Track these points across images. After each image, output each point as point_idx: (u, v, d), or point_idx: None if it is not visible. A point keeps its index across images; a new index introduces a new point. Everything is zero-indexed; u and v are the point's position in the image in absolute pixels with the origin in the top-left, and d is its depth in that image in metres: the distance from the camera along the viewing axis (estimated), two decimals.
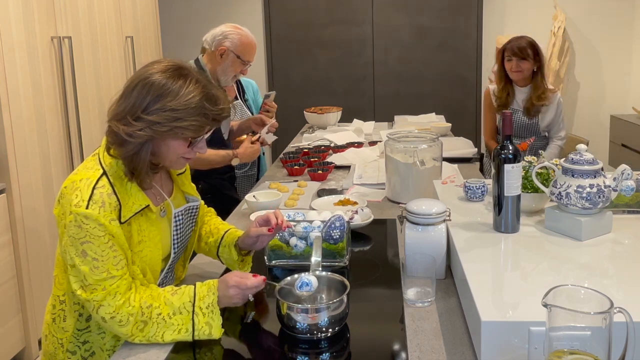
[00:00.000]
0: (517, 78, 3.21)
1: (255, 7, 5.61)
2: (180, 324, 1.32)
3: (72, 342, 1.44)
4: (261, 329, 1.39)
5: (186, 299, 1.34)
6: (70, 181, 1.34)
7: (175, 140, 1.35)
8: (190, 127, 1.32)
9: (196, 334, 1.32)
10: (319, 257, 1.54)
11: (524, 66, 3.16)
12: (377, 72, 5.59)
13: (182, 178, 1.59)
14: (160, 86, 1.30)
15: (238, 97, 3.27)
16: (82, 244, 1.29)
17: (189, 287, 1.37)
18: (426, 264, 1.46)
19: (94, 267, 1.29)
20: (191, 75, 1.35)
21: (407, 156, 2.29)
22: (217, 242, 1.65)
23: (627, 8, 5.40)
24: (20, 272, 2.93)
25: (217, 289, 1.36)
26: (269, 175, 2.92)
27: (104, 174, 1.33)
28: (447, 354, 1.24)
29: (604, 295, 0.96)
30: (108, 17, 3.85)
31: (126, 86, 1.34)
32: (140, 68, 1.37)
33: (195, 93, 1.32)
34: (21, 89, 2.93)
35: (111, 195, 1.32)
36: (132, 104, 1.31)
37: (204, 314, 1.33)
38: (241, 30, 2.70)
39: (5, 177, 2.85)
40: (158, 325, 1.32)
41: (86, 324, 1.44)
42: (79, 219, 1.28)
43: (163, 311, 1.32)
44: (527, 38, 3.20)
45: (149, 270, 1.42)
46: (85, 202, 1.28)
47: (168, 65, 1.35)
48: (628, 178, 1.52)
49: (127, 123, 1.30)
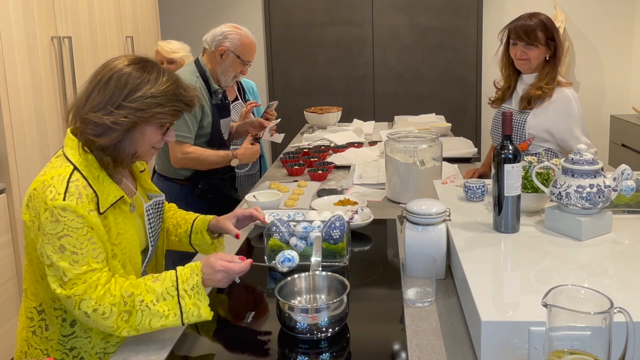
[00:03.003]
0: (523, 68, 2.45)
1: (255, 7, 5.61)
2: (167, 310, 1.30)
3: (58, 349, 1.41)
4: (261, 329, 1.39)
5: (169, 284, 1.32)
6: (39, 182, 1.34)
7: (152, 128, 1.41)
8: (170, 112, 1.40)
9: (185, 317, 1.31)
10: (319, 257, 1.54)
11: (532, 54, 2.38)
12: (377, 72, 5.59)
13: (144, 176, 1.63)
14: (138, 76, 1.37)
15: (239, 97, 3.27)
16: (59, 239, 1.28)
17: (169, 272, 1.36)
18: (426, 264, 1.46)
19: (74, 262, 1.28)
20: (158, 66, 1.43)
21: (407, 156, 2.29)
22: (188, 231, 1.68)
23: (627, 8, 5.40)
24: (20, 272, 2.92)
25: (200, 271, 1.35)
26: (269, 175, 2.92)
27: (75, 169, 1.35)
28: (447, 354, 1.24)
29: (604, 295, 0.96)
30: (108, 17, 3.85)
31: (97, 81, 1.38)
32: (104, 65, 1.41)
33: (170, 81, 1.40)
34: (21, 89, 2.93)
35: (87, 187, 1.33)
36: (111, 95, 1.35)
37: (190, 296, 1.32)
38: (241, 30, 2.70)
39: (5, 177, 2.85)
40: (143, 313, 1.29)
41: (71, 329, 1.41)
42: (55, 212, 1.28)
43: (146, 298, 1.30)
44: (539, 16, 2.39)
45: (129, 262, 1.43)
46: (61, 195, 1.29)
47: (134, 59, 1.42)
48: (628, 178, 1.52)
49: (110, 112, 1.34)
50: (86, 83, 1.41)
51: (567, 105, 2.35)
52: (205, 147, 2.65)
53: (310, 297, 1.44)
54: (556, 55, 2.39)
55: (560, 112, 2.35)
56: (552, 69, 2.40)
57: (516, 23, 2.40)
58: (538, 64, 2.41)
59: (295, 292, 1.43)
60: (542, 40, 2.36)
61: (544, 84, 2.37)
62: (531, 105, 2.40)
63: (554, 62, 2.40)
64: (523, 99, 2.42)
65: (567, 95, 2.37)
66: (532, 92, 2.38)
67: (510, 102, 2.54)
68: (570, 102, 2.35)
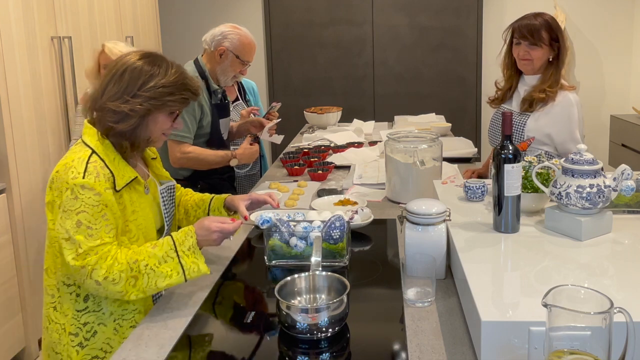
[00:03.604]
0: (526, 69, 2.39)
1: (255, 7, 5.61)
2: (169, 270, 1.47)
3: (73, 324, 1.54)
4: (261, 329, 1.39)
5: (167, 248, 1.50)
6: (61, 165, 1.50)
7: (163, 115, 1.57)
8: (179, 100, 1.57)
9: (187, 273, 1.49)
10: (319, 257, 1.54)
11: (535, 54, 2.33)
12: (377, 72, 5.59)
13: (156, 163, 1.78)
14: (149, 69, 1.53)
15: (239, 97, 3.27)
16: (77, 214, 1.43)
17: (166, 238, 1.53)
18: (426, 264, 1.46)
19: (88, 235, 1.43)
20: (166, 59, 1.59)
21: (407, 156, 2.29)
22: (206, 210, 1.85)
23: (627, 8, 5.40)
24: (20, 272, 2.93)
25: (194, 233, 1.54)
26: (269, 175, 2.92)
27: (93, 152, 1.51)
28: (447, 354, 1.24)
29: (604, 295, 0.96)
30: (108, 17, 3.85)
31: (112, 74, 1.54)
32: (117, 60, 1.57)
33: (178, 73, 1.57)
34: (21, 89, 2.93)
35: (104, 167, 1.49)
36: (127, 85, 1.51)
37: (188, 256, 1.50)
38: (240, 30, 2.70)
39: (5, 177, 2.85)
40: (149, 276, 1.46)
41: (84, 304, 1.54)
42: (75, 189, 1.44)
43: (150, 262, 1.46)
44: (544, 16, 2.35)
45: (143, 237, 1.58)
46: (81, 174, 1.45)
47: (144, 53, 1.58)
48: (628, 178, 1.52)
49: (127, 101, 1.50)
50: (100, 79, 1.57)
51: (569, 110, 2.31)
52: (204, 147, 2.65)
53: (310, 297, 1.44)
54: (559, 57, 2.35)
55: (561, 117, 2.31)
56: (555, 71, 2.35)
57: (520, 22, 2.36)
58: (540, 65, 2.36)
59: (295, 292, 1.42)
60: (546, 41, 2.32)
61: (547, 87, 2.32)
62: (532, 108, 2.35)
63: (557, 64, 2.36)
64: (525, 100, 2.37)
65: (569, 100, 2.32)
66: (536, 95, 2.33)
67: (510, 102, 2.49)
68: (573, 107, 2.31)
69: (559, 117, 2.31)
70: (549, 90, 2.31)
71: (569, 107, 2.31)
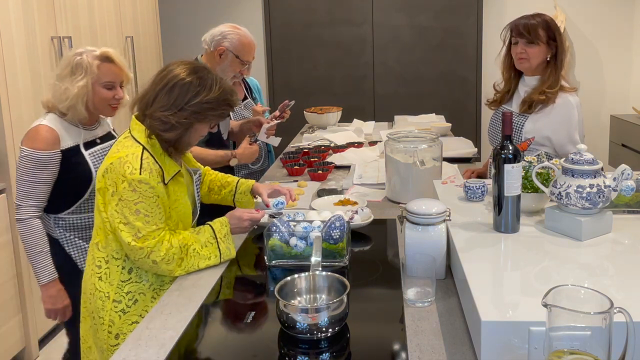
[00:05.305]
0: (523, 67, 2.38)
1: (255, 7, 5.61)
2: (209, 253, 1.75)
3: (117, 292, 1.71)
4: (261, 329, 1.39)
5: (208, 235, 1.77)
6: (114, 158, 1.66)
7: (204, 125, 1.74)
8: (219, 114, 1.74)
9: (223, 256, 1.76)
10: (319, 257, 1.54)
11: (532, 52, 2.32)
12: (377, 72, 5.59)
13: (187, 155, 1.97)
14: (197, 84, 1.69)
15: (247, 96, 3.27)
16: (135, 204, 1.63)
17: (206, 226, 1.79)
18: (426, 264, 1.46)
19: (146, 222, 1.64)
20: (212, 73, 1.74)
21: (407, 156, 2.29)
22: (232, 192, 2.10)
23: (627, 8, 5.40)
24: (20, 272, 2.92)
25: (228, 223, 1.82)
26: (269, 175, 2.92)
27: (145, 149, 1.68)
28: (447, 354, 1.24)
29: (604, 295, 0.96)
30: (108, 17, 3.85)
31: (163, 84, 1.69)
32: (168, 71, 1.71)
33: (221, 89, 1.72)
34: (21, 89, 2.93)
35: (155, 163, 1.68)
36: (175, 99, 1.67)
37: (223, 241, 1.78)
38: (240, 30, 2.70)
39: (5, 177, 2.85)
40: (193, 257, 1.72)
41: (128, 275, 1.73)
42: (134, 183, 1.62)
43: (196, 246, 1.73)
44: (542, 16, 2.36)
45: (181, 221, 1.78)
46: (138, 170, 1.63)
47: (192, 68, 1.72)
48: (628, 178, 1.52)
49: (174, 113, 1.67)
50: (151, 83, 1.73)
51: (569, 112, 2.29)
52: (203, 146, 2.64)
53: (310, 297, 1.44)
54: (557, 57, 2.33)
55: (561, 119, 2.29)
56: (554, 71, 2.33)
57: (518, 21, 2.36)
58: (538, 64, 2.34)
59: (295, 292, 1.43)
60: (543, 39, 2.30)
61: (547, 88, 2.30)
62: (531, 109, 2.33)
63: (555, 63, 2.34)
64: (525, 102, 2.35)
65: (569, 102, 2.30)
66: (536, 96, 2.31)
67: (510, 103, 2.47)
68: (573, 109, 2.29)
69: (558, 119, 2.29)
70: (548, 91, 2.29)
71: (569, 109, 2.29)
